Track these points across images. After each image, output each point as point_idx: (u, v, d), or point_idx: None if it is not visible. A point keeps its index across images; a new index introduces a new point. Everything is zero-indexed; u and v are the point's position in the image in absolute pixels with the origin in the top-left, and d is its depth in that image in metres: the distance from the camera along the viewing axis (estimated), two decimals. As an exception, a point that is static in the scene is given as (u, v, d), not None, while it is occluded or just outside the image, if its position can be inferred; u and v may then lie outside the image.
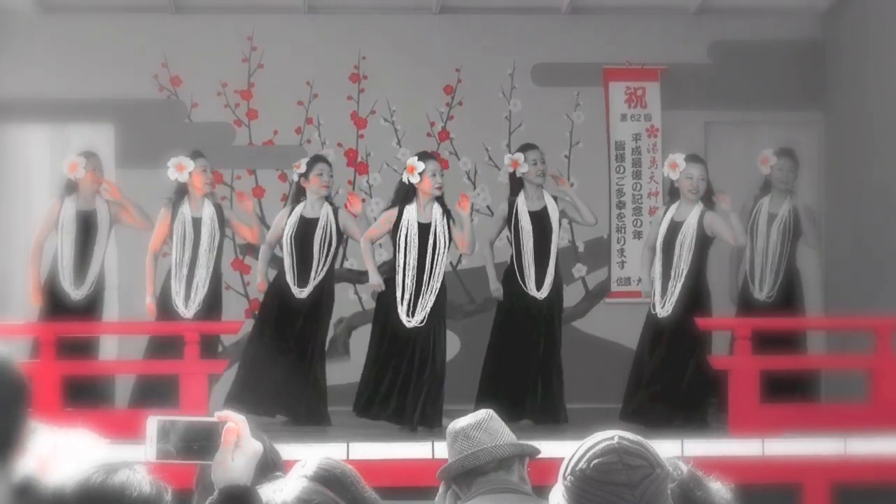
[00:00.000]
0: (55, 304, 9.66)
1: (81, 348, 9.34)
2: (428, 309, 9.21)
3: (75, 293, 9.63)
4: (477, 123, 11.88)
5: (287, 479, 3.47)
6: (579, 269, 11.85)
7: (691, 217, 9.33)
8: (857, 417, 8.58)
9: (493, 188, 11.75)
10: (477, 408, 8.88)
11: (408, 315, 9.22)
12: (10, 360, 2.29)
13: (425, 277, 9.24)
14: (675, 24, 11.93)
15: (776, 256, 9.95)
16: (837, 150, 11.73)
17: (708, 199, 9.39)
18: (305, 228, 9.62)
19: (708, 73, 11.94)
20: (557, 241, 9.78)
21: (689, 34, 11.92)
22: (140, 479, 2.25)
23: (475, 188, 11.86)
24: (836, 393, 10.34)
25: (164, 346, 9.18)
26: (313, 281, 9.57)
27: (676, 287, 9.24)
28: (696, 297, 9.26)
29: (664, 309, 9.27)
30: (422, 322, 9.20)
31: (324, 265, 9.61)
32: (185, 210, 9.50)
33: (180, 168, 9.43)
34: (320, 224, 9.60)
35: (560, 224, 9.83)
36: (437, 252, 9.27)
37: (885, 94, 10.73)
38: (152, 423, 2.40)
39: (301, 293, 9.54)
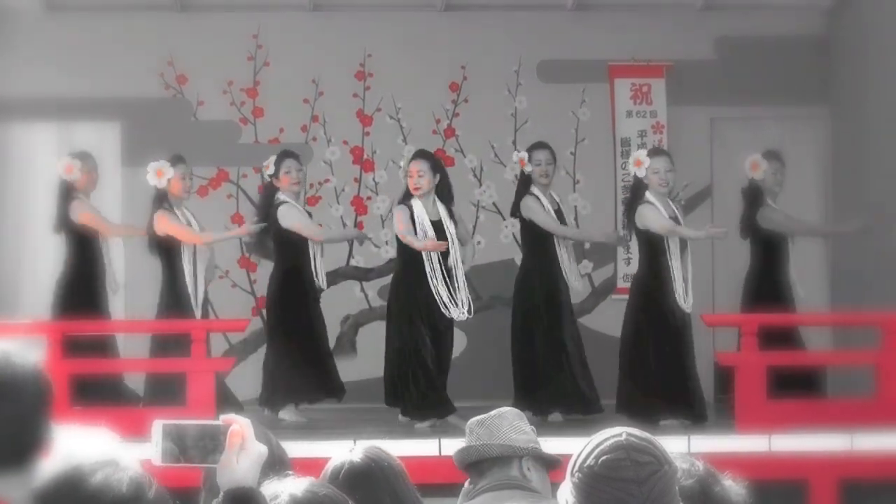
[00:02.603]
0: None
1: (97, 347, 9.36)
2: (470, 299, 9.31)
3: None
4: (483, 120, 11.88)
5: (332, 460, 3.48)
6: (585, 266, 11.85)
7: (679, 211, 9.40)
8: (864, 413, 8.58)
9: (499, 185, 11.75)
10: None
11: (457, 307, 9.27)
12: (35, 365, 2.29)
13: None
14: (680, 21, 11.93)
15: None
16: (843, 144, 11.73)
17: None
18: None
19: (713, 69, 11.93)
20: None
21: (695, 30, 11.92)
22: (119, 479, 2.21)
23: (481, 185, 11.87)
24: (843, 389, 10.34)
25: (169, 345, 9.20)
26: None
27: (690, 280, 9.24)
28: None
29: (687, 304, 9.26)
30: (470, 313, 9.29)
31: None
32: (179, 215, 9.41)
33: (160, 174, 9.30)
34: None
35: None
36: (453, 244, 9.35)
37: (890, 89, 10.73)
38: (157, 426, 2.40)
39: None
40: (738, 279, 10.26)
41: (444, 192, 9.39)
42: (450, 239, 9.24)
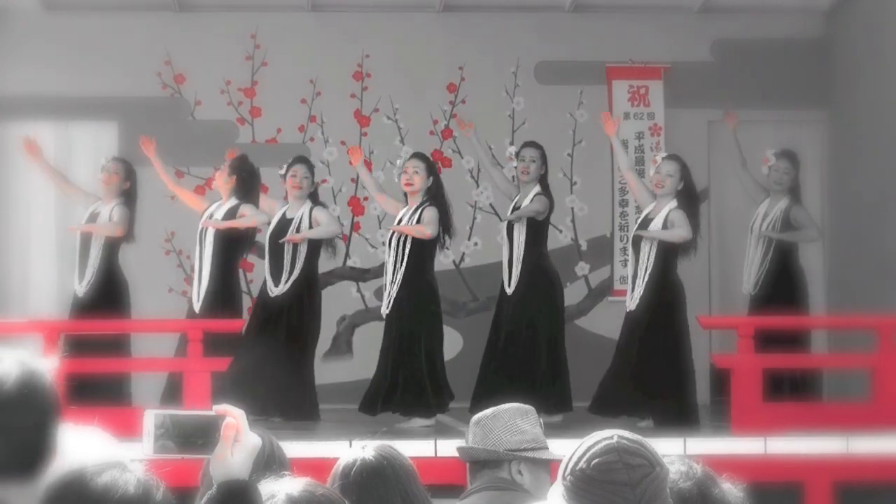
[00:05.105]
0: (71, 304, 9.74)
1: (106, 346, 9.30)
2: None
3: (77, 288, 9.67)
4: (480, 122, 11.82)
5: (344, 457, 3.47)
6: (582, 268, 11.86)
7: (662, 212, 9.28)
8: (860, 416, 8.58)
9: (497, 187, 11.74)
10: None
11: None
12: (48, 373, 2.29)
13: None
14: (678, 23, 11.94)
15: (761, 252, 9.98)
16: (840, 148, 11.74)
17: (683, 195, 9.30)
18: (281, 228, 9.58)
19: (711, 71, 11.95)
20: (522, 237, 9.50)
21: (692, 33, 11.93)
22: (126, 480, 2.20)
23: (478, 187, 11.88)
24: (839, 391, 10.35)
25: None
26: (287, 280, 9.51)
27: (643, 281, 9.18)
28: (663, 291, 9.13)
29: (633, 302, 9.24)
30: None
31: (296, 264, 9.55)
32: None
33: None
34: (293, 224, 9.55)
35: (527, 220, 9.49)
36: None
37: (889, 92, 10.73)
38: (149, 417, 2.36)
39: (275, 291, 9.50)
40: (733, 281, 10.28)
41: (436, 196, 9.37)
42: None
